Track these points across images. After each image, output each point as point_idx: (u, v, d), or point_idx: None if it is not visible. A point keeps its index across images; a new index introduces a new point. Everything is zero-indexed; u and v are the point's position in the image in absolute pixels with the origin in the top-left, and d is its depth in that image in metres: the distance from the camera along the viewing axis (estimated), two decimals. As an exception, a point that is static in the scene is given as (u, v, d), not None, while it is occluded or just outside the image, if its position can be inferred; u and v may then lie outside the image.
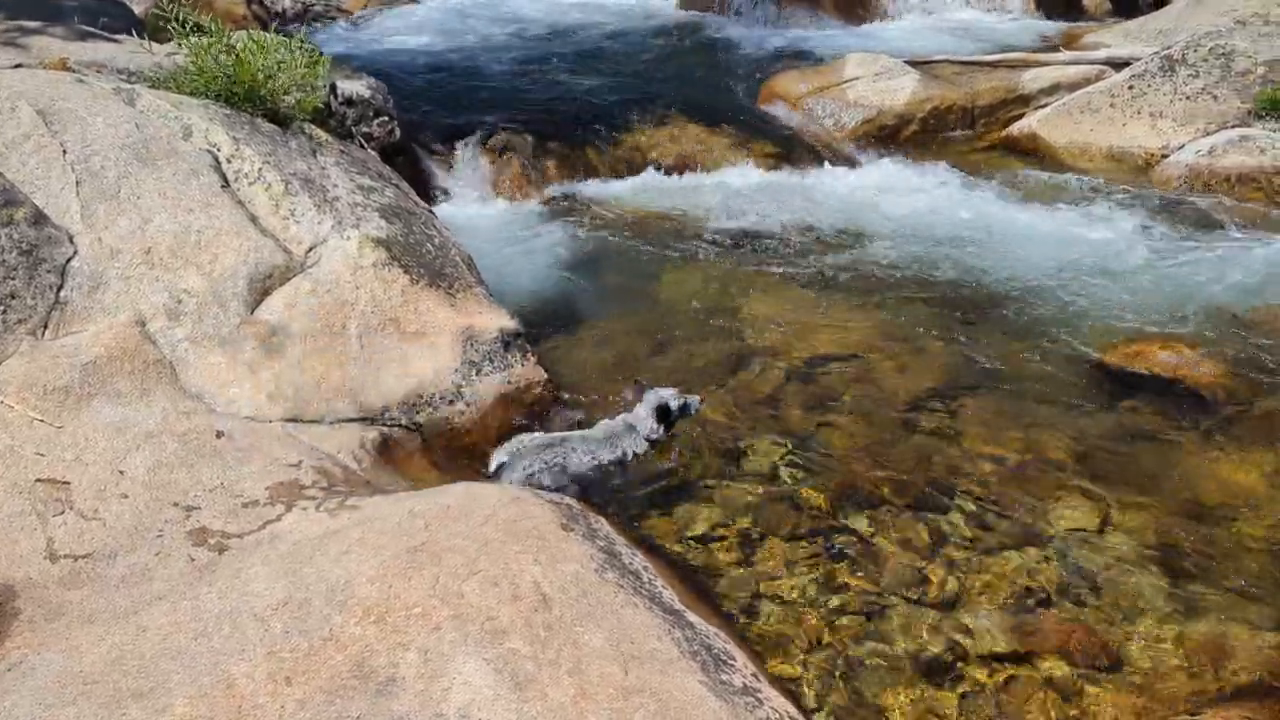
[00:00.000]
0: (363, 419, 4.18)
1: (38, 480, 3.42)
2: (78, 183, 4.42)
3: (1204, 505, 4.17)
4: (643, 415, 4.45)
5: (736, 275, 6.34)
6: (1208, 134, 8.10)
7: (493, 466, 4.22)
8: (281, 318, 4.32)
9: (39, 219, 4.22)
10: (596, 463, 4.27)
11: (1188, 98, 8.38)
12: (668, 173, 8.13)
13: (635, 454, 4.38)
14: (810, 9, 12.45)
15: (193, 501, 3.46)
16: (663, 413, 4.44)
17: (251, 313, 4.31)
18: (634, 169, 8.13)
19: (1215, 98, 8.30)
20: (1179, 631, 3.53)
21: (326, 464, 3.82)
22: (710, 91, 9.65)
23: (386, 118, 7.04)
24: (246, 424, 3.92)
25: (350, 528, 3.33)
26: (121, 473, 3.50)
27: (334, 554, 3.17)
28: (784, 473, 4.38)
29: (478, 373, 4.51)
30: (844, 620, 3.59)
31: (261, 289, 4.40)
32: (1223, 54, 8.57)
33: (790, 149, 8.61)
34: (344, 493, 3.63)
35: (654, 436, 4.43)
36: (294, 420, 4.04)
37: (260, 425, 3.94)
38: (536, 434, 4.38)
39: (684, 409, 4.52)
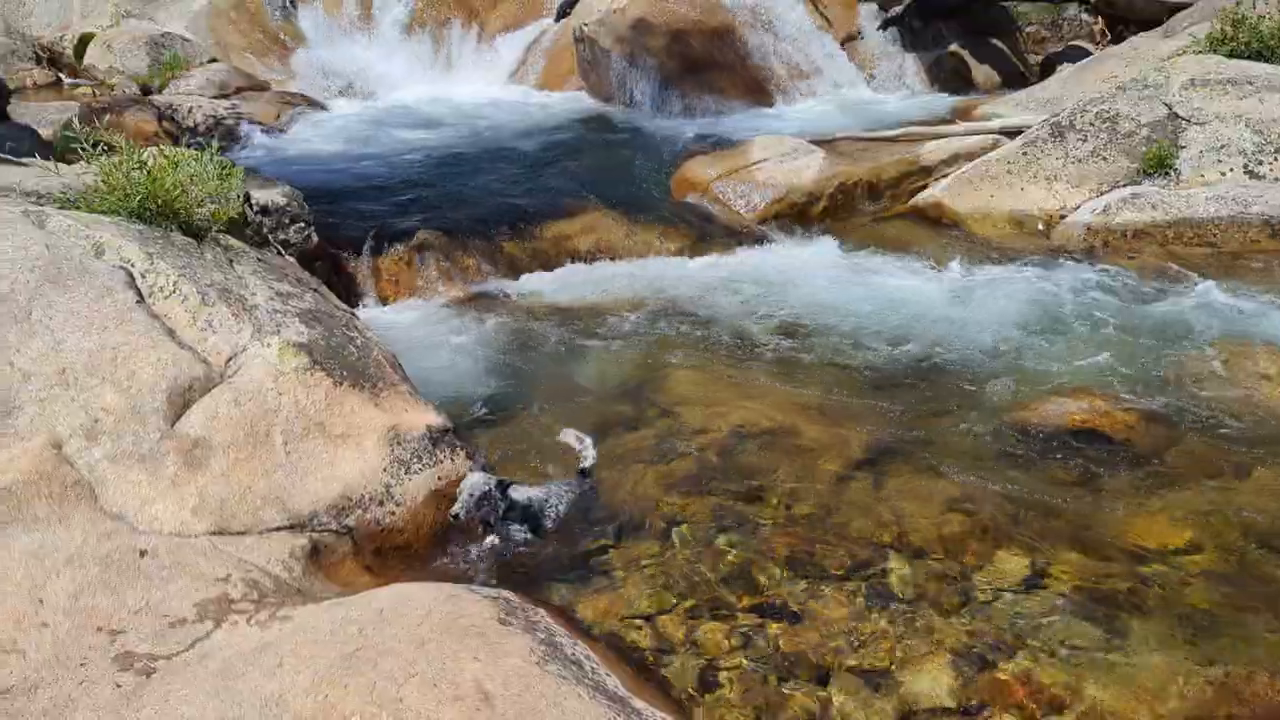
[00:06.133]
0: (291, 527, 4.10)
1: (-50, 616, 3.29)
2: (-13, 308, 4.34)
3: (1130, 550, 4.28)
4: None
5: (659, 359, 6.42)
6: (1101, 194, 8.50)
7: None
8: (203, 430, 4.26)
9: (-54, 347, 4.13)
10: None
11: (1079, 160, 8.80)
12: (587, 262, 8.24)
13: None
14: (716, 95, 12.85)
15: (117, 625, 3.35)
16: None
17: (172, 426, 4.23)
18: (553, 261, 8.22)
19: (1105, 159, 8.73)
20: (1120, 675, 3.58)
21: (256, 575, 3.74)
22: (624, 181, 9.86)
23: (303, 224, 7.05)
24: (171, 540, 3.82)
25: (283, 639, 3.25)
26: (41, 601, 3.38)
27: (267, 667, 3.09)
28: (721, 547, 4.40)
29: (406, 471, 4.47)
30: (793, 693, 3.58)
31: (182, 402, 4.33)
32: (1108, 118, 9.04)
33: (704, 232, 8.81)
34: (275, 604, 3.55)
35: None
36: (220, 533, 3.95)
37: (185, 541, 3.85)
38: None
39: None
